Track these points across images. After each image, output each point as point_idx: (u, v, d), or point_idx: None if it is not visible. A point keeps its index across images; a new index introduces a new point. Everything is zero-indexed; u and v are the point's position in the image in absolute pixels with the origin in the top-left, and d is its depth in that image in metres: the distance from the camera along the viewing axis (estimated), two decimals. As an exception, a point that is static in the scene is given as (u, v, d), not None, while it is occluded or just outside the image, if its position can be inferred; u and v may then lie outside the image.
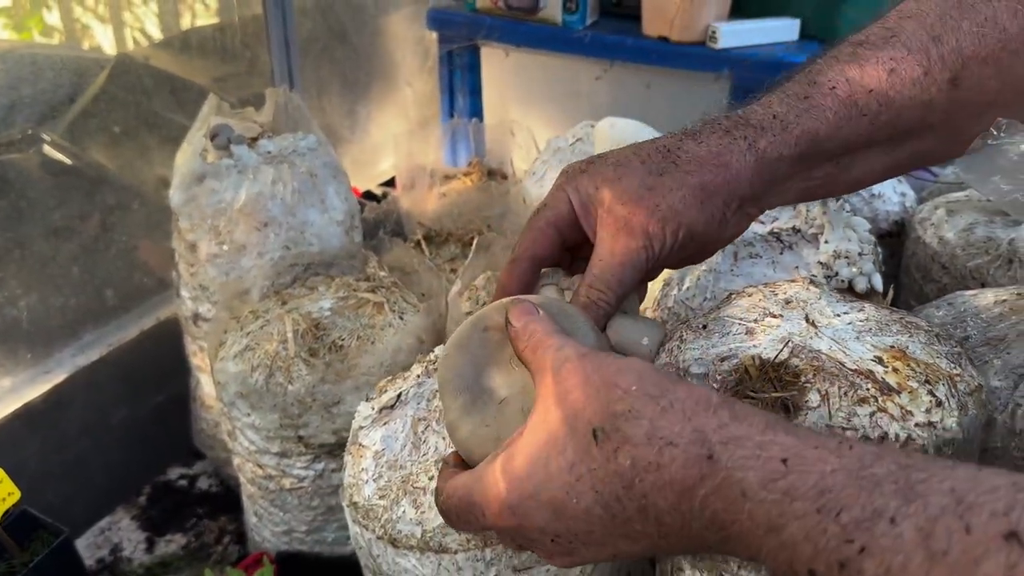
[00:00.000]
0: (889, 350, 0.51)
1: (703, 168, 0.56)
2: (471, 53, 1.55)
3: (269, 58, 1.36)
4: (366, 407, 0.70)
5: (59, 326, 1.15)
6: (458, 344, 0.52)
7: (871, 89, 0.57)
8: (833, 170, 0.59)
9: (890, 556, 0.34)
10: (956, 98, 0.58)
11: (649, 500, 0.41)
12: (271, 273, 1.03)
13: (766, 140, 0.56)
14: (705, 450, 0.39)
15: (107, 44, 1.47)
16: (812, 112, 0.57)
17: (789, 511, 0.37)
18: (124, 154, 1.31)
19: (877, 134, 0.58)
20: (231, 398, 0.92)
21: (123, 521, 1.18)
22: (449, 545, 0.58)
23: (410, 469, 0.60)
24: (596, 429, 0.42)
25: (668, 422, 0.41)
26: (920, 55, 0.57)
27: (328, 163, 1.09)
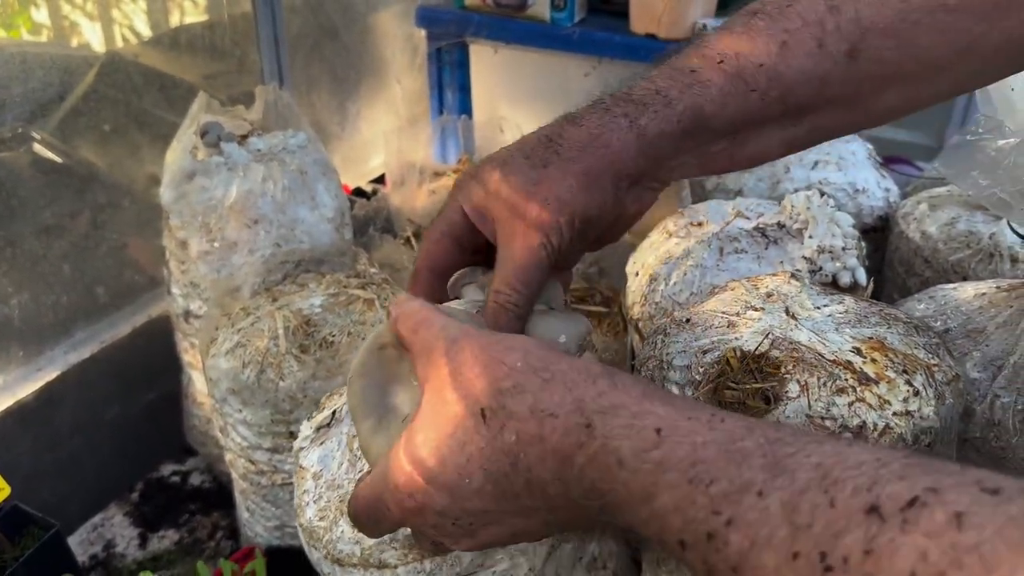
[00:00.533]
0: (868, 341, 0.52)
1: (584, 152, 0.54)
2: (460, 50, 1.56)
3: (259, 56, 1.36)
4: (306, 426, 0.70)
5: (51, 324, 1.15)
6: (358, 369, 0.52)
7: (761, 63, 0.55)
8: (728, 145, 0.57)
9: (756, 528, 0.34)
10: (855, 71, 0.55)
11: (533, 473, 0.42)
12: (262, 270, 1.04)
13: (647, 117, 0.54)
14: (584, 419, 0.40)
15: (96, 42, 1.47)
16: (697, 87, 0.55)
17: (662, 481, 0.38)
18: (114, 152, 1.32)
19: (769, 110, 0.56)
20: (223, 394, 0.93)
21: (116, 517, 1.19)
22: (388, 560, 0.59)
23: (347, 488, 0.60)
24: (484, 408, 0.43)
25: (549, 394, 0.41)
26: (815, 26, 0.55)
27: (318, 160, 1.10)
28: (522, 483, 0.43)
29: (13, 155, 1.20)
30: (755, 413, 0.49)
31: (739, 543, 0.35)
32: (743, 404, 0.49)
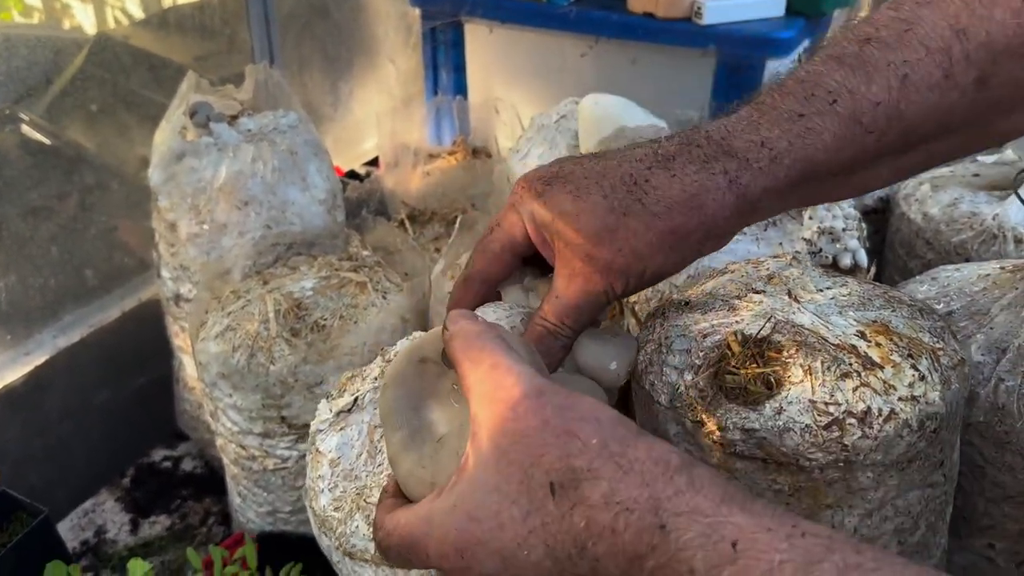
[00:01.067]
0: (872, 325, 0.51)
1: (672, 211, 0.49)
2: (455, 30, 1.54)
3: (249, 35, 1.34)
4: (325, 407, 0.68)
5: (39, 307, 1.13)
6: (394, 378, 0.50)
7: (878, 102, 0.49)
8: (830, 187, 0.52)
9: None
10: (983, 99, 0.50)
11: (601, 564, 0.40)
12: (252, 253, 1.02)
13: (750, 174, 0.49)
14: (658, 519, 0.38)
15: (86, 24, 1.45)
16: (808, 137, 0.49)
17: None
18: (103, 133, 1.30)
19: (885, 149, 0.50)
20: (213, 378, 0.91)
21: (107, 503, 1.17)
22: None
23: (365, 481, 0.59)
24: (554, 483, 0.40)
25: (626, 486, 0.39)
26: (941, 55, 0.48)
27: (309, 141, 1.08)
28: (587, 569, 0.40)
29: (1, 136, 1.18)
30: (757, 398, 0.47)
31: None
32: (744, 389, 0.48)
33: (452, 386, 0.48)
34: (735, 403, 0.48)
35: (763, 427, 0.47)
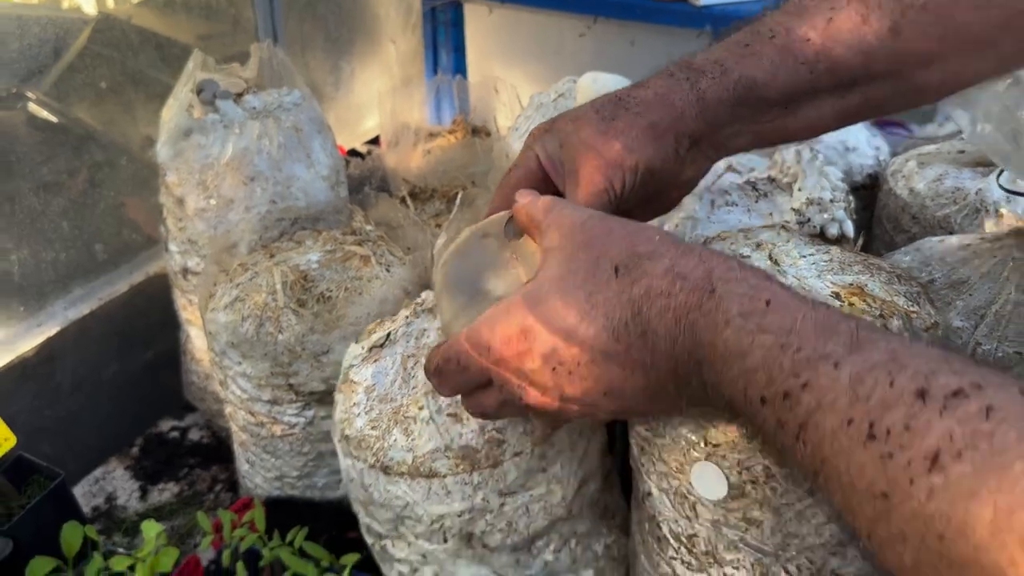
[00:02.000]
0: (848, 287, 0.54)
1: (650, 109, 0.59)
2: (454, 9, 1.56)
3: (253, 15, 1.36)
4: (355, 347, 0.73)
5: (50, 280, 1.16)
6: (457, 251, 0.54)
7: (808, 38, 0.59)
8: (781, 115, 0.61)
9: (823, 393, 0.39)
10: (898, 48, 0.59)
11: (651, 326, 0.46)
12: (258, 227, 1.05)
13: (706, 82, 0.60)
14: (710, 284, 0.45)
15: (90, 3, 1.47)
16: (750, 59, 0.60)
17: (757, 341, 0.43)
18: (109, 112, 1.32)
19: (818, 82, 0.60)
20: (222, 347, 0.94)
21: (117, 471, 1.21)
22: (439, 470, 0.62)
23: (400, 401, 0.63)
24: (619, 266, 0.47)
25: (686, 260, 0.46)
26: (859, 3, 0.58)
27: (313, 118, 1.10)
28: (638, 334, 0.47)
29: (10, 114, 1.21)
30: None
31: (808, 403, 0.40)
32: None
33: (512, 255, 0.52)
34: (719, 358, 0.51)
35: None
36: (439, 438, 0.63)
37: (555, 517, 0.69)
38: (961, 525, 0.34)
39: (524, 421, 0.64)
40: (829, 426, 0.39)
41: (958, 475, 0.34)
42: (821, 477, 0.41)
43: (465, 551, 0.69)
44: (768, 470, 0.57)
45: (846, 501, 0.39)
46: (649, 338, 0.47)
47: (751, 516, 0.60)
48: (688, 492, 0.62)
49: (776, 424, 0.42)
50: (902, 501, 0.36)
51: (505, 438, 0.63)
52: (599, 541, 0.75)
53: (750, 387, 0.43)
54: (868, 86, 0.60)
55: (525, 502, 0.67)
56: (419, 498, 0.66)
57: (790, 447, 0.42)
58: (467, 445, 0.63)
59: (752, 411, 0.44)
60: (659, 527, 0.67)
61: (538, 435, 0.64)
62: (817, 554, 0.61)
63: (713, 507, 0.61)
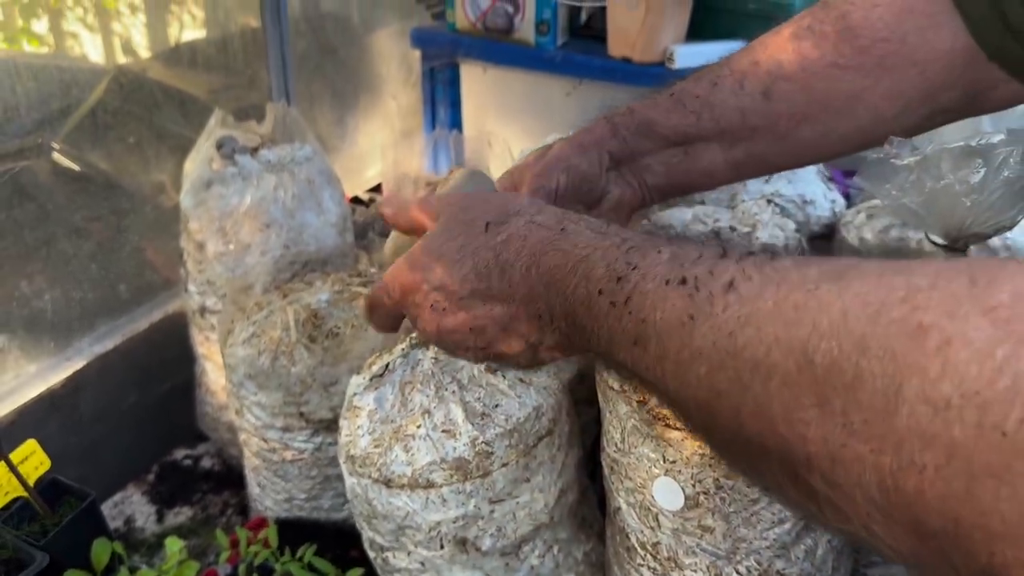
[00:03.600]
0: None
1: (577, 135, 0.81)
2: (451, 69, 1.68)
3: (267, 73, 1.48)
4: (358, 378, 0.83)
5: (78, 317, 1.26)
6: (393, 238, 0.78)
7: (696, 94, 0.79)
8: (681, 156, 0.81)
9: (648, 267, 0.50)
10: (771, 108, 0.76)
11: (508, 262, 0.58)
12: (272, 269, 1.15)
13: (618, 118, 0.81)
14: (560, 226, 0.57)
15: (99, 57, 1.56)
16: (650, 105, 0.81)
17: (599, 246, 0.54)
18: (125, 161, 1.42)
19: (704, 128, 0.78)
20: (240, 379, 1.04)
21: (134, 496, 1.29)
22: (435, 480, 0.71)
23: (399, 422, 0.73)
24: (489, 222, 0.60)
25: (544, 216, 0.59)
26: (738, 74, 0.78)
27: (323, 171, 1.21)
28: (498, 270, 0.59)
29: (38, 163, 1.31)
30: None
31: (635, 279, 0.50)
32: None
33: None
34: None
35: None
36: (435, 452, 0.73)
37: (539, 523, 0.78)
38: (747, 319, 0.42)
39: (509, 436, 0.74)
40: (650, 288, 0.49)
41: (747, 289, 0.43)
42: (643, 338, 0.49)
43: (460, 556, 0.78)
44: (718, 482, 0.67)
45: (659, 343, 0.48)
46: (507, 272, 0.58)
47: (705, 524, 0.69)
48: (651, 505, 0.71)
49: (609, 307, 0.51)
50: (703, 320, 0.44)
51: (493, 450, 0.73)
52: (579, 548, 0.85)
53: (590, 284, 0.53)
54: (749, 140, 0.79)
55: (512, 509, 0.77)
56: (418, 507, 0.75)
57: (617, 320, 0.51)
58: (460, 457, 0.72)
59: (593, 309, 0.53)
60: (628, 537, 0.77)
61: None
62: (764, 556, 0.71)
63: (672, 517, 0.70)
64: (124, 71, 1.47)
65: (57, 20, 1.51)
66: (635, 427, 0.69)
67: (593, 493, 0.93)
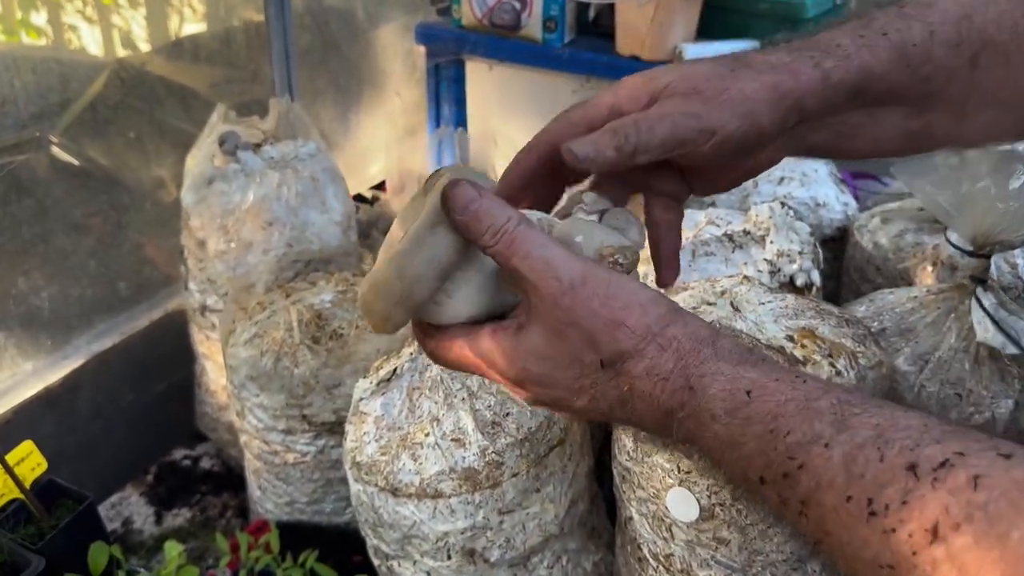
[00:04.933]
0: (800, 330, 0.63)
1: (775, 71, 0.55)
2: (457, 66, 1.66)
3: (270, 68, 1.46)
4: (364, 382, 0.81)
5: (76, 315, 1.24)
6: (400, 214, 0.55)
7: (915, 43, 0.58)
8: (866, 119, 0.60)
9: (820, 473, 0.43)
10: (973, 78, 0.60)
11: (636, 416, 0.51)
12: (275, 268, 1.13)
13: (831, 62, 0.56)
14: (687, 383, 0.48)
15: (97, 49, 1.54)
16: (869, 49, 0.57)
17: (748, 432, 0.46)
18: (126, 155, 1.40)
19: (913, 89, 0.59)
20: (241, 380, 1.02)
21: (132, 497, 1.28)
22: (444, 490, 0.69)
23: (407, 429, 0.71)
24: (603, 360, 0.49)
25: (664, 360, 0.49)
26: (954, 25, 0.59)
27: (327, 168, 1.19)
28: (625, 417, 0.51)
29: (37, 158, 1.29)
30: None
31: (807, 483, 0.43)
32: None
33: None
34: (689, 392, 0.59)
35: (711, 411, 0.58)
36: (444, 461, 0.71)
37: (548, 534, 0.76)
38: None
39: (520, 446, 0.72)
40: (829, 503, 0.42)
41: (960, 547, 0.37)
42: (825, 545, 0.44)
43: (467, 567, 0.76)
44: (735, 494, 0.65)
45: (852, 570, 0.43)
46: (635, 422, 0.51)
47: (720, 536, 0.67)
48: (664, 515, 0.69)
49: (779, 500, 0.45)
50: (908, 571, 0.39)
51: (504, 460, 0.71)
52: (588, 558, 0.83)
53: (749, 470, 0.46)
54: (936, 112, 0.61)
55: (522, 520, 0.75)
56: (425, 517, 0.73)
57: (794, 520, 0.45)
58: (469, 467, 0.70)
59: (754, 488, 0.47)
60: (640, 548, 0.75)
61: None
62: (780, 569, 0.69)
63: (687, 529, 0.68)
64: (124, 64, 1.45)
65: (56, 13, 1.49)
66: (649, 436, 0.67)
67: (602, 500, 0.91)
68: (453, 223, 0.49)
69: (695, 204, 1.16)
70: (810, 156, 0.65)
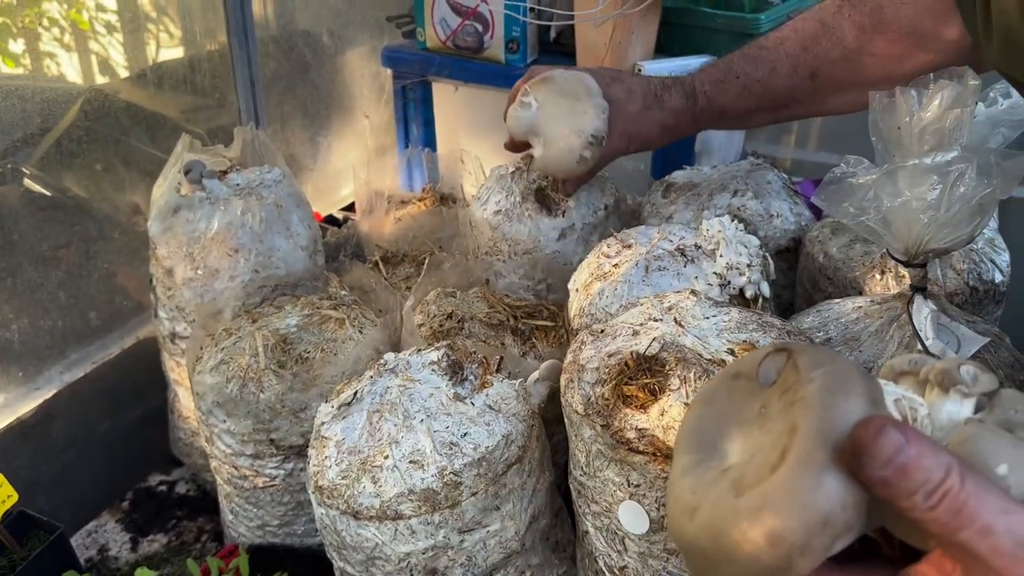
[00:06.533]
0: (741, 343, 0.65)
1: (665, 113, 1.06)
2: (423, 88, 1.68)
3: (236, 97, 1.48)
4: (326, 407, 0.82)
5: (47, 346, 1.25)
6: (704, 393, 0.45)
7: (758, 79, 1.02)
8: (736, 123, 1.13)
9: None
10: (816, 85, 1.00)
11: None
12: (242, 294, 1.15)
13: (700, 105, 1.06)
14: None
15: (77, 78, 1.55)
16: (722, 93, 1.04)
17: None
18: (98, 183, 1.41)
19: (762, 104, 1.03)
20: (209, 407, 1.03)
21: (108, 524, 1.28)
22: (404, 512, 0.71)
23: (368, 452, 0.73)
24: None
25: None
26: (791, 59, 0.99)
27: (292, 194, 1.21)
28: None
29: (7, 189, 1.30)
30: (645, 403, 0.61)
31: None
32: (635, 396, 0.61)
33: (760, 409, 0.40)
34: (630, 408, 0.62)
35: (651, 426, 0.60)
36: (403, 483, 0.72)
37: (510, 551, 0.78)
38: None
39: (478, 465, 0.73)
40: None
41: None
42: None
43: (429, 586, 0.78)
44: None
45: None
46: None
47: (671, 547, 0.69)
48: (617, 528, 0.71)
49: None
50: None
51: (462, 480, 0.72)
52: (551, 572, 0.84)
53: None
54: (793, 109, 1.04)
55: (482, 538, 0.77)
56: (387, 539, 0.75)
57: None
58: (428, 488, 0.72)
59: None
60: (596, 561, 0.77)
61: None
62: (731, 577, 0.71)
63: (638, 541, 0.70)
64: (96, 93, 1.46)
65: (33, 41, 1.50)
66: (600, 451, 0.69)
67: (567, 514, 0.92)
68: (865, 476, 0.36)
69: (653, 220, 1.19)
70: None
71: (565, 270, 1.11)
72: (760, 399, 0.40)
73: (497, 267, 1.20)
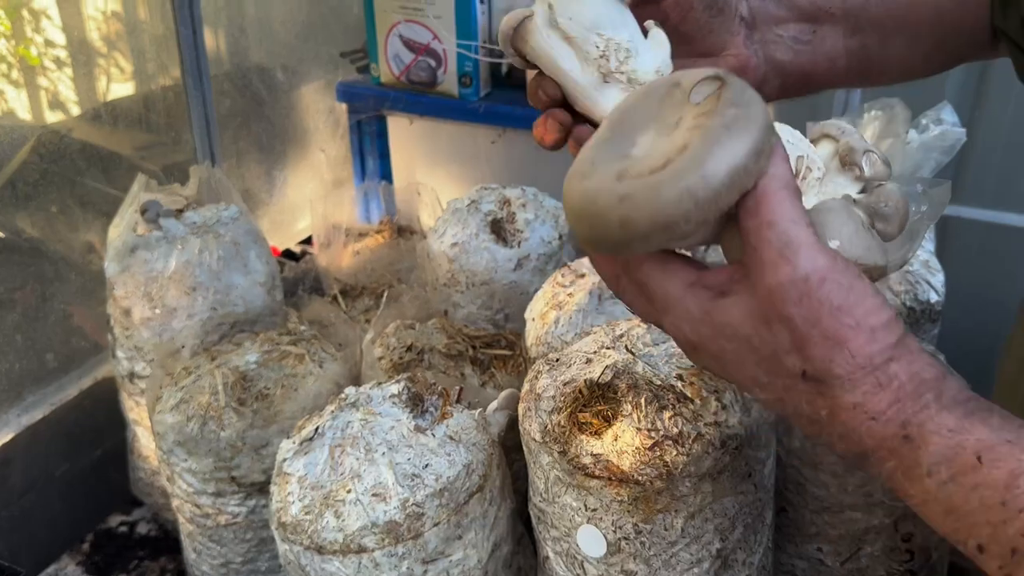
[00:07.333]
0: (689, 369, 0.67)
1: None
2: (379, 121, 1.70)
3: (191, 136, 1.48)
4: (287, 443, 0.83)
5: (4, 389, 1.24)
6: (645, 90, 0.47)
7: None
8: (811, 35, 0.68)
9: None
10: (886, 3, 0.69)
11: (822, 437, 0.44)
12: (200, 332, 1.15)
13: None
14: (903, 431, 0.42)
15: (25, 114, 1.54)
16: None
17: (973, 498, 0.40)
18: (52, 223, 1.40)
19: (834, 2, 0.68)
20: (169, 446, 1.03)
21: (69, 567, 1.27)
22: (367, 545, 0.72)
23: (330, 487, 0.74)
24: (807, 372, 0.42)
25: (877, 400, 0.42)
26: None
27: (249, 231, 1.22)
28: (805, 430, 0.45)
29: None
30: (599, 429, 0.63)
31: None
32: (590, 423, 0.63)
33: (677, 120, 0.44)
34: (584, 434, 0.64)
35: (606, 451, 0.62)
36: (365, 516, 0.73)
37: (472, 579, 0.79)
38: None
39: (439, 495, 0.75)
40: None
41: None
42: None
43: (394, 617, 0.78)
44: (637, 527, 0.69)
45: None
46: (827, 441, 0.45)
47: (628, 568, 0.71)
48: (576, 553, 0.73)
49: (1000, 572, 0.41)
50: None
51: (424, 511, 0.74)
52: (514, 599, 0.86)
53: (966, 536, 0.41)
54: (864, 33, 0.69)
55: (446, 567, 0.78)
56: (351, 572, 0.76)
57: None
58: (391, 520, 0.73)
59: (966, 550, 0.42)
60: (558, 585, 0.78)
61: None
62: (687, 595, 0.73)
63: (597, 563, 0.72)
64: (49, 133, 1.46)
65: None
66: (558, 477, 0.70)
67: (530, 540, 0.94)
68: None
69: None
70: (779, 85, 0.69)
71: (522, 299, 1.13)
72: (681, 112, 0.43)
73: (455, 298, 1.22)
